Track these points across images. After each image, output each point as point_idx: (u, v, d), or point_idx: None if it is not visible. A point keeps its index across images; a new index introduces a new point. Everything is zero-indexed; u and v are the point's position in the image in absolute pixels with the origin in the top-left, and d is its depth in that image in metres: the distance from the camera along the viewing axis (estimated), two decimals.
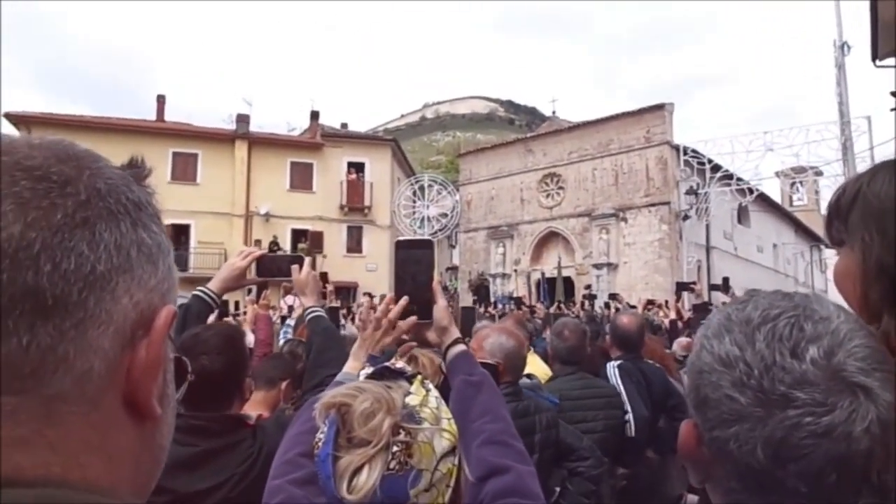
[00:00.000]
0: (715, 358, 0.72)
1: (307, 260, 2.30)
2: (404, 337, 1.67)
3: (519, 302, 17.24)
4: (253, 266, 2.26)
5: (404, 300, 1.59)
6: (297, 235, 30.34)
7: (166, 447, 0.60)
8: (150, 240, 0.57)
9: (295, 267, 2.25)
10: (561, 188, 30.77)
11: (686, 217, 26.88)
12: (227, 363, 2.05)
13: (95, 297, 0.52)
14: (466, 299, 31.10)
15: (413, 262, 1.58)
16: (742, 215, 33.69)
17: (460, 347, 1.58)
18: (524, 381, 2.94)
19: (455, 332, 1.60)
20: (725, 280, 9.12)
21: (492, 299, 25.75)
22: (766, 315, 0.70)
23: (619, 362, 4.05)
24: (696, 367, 0.75)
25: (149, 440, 0.57)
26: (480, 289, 30.46)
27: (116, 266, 0.53)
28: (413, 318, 1.59)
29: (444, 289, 42.83)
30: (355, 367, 1.62)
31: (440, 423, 1.13)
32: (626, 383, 3.86)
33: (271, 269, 2.25)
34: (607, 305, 17.01)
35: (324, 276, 6.32)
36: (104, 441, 0.53)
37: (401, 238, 1.61)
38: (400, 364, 1.30)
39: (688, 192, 26.56)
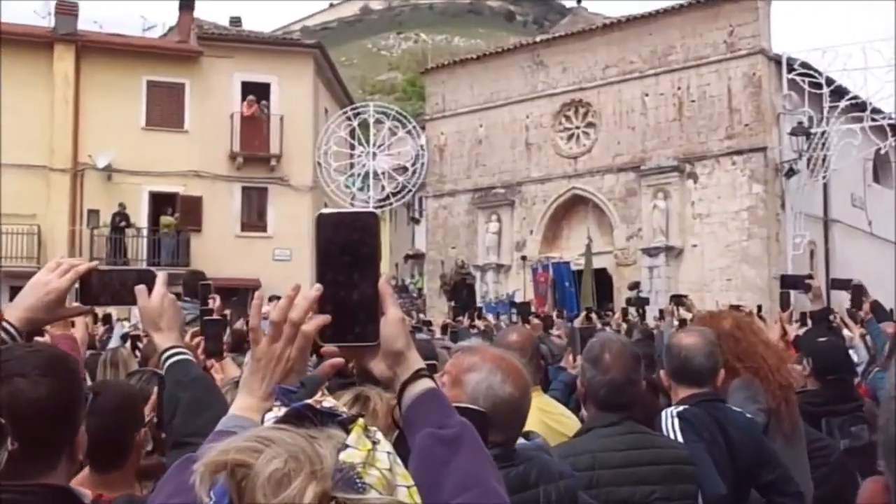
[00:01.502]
0: None
1: (160, 277, 2.37)
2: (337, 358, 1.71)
3: (525, 310, 17.31)
4: (78, 287, 2.30)
5: (323, 317, 1.63)
6: (160, 203, 30.41)
7: None
8: None
9: (141, 288, 2.31)
10: (591, 125, 30.81)
11: (791, 172, 27.21)
12: (55, 392, 2.04)
13: None
14: (439, 305, 31.30)
15: (346, 248, 1.63)
16: (880, 169, 34.24)
17: (424, 384, 1.63)
18: (522, 443, 3.02)
19: (415, 361, 1.65)
20: (858, 289, 8.60)
21: (478, 304, 25.81)
22: None
23: (680, 408, 4.10)
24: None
25: None
26: (460, 289, 30.54)
27: None
28: (323, 318, 1.64)
29: (404, 289, 42.53)
30: (250, 405, 1.66)
31: (395, 493, 1.18)
32: (691, 441, 3.91)
33: (104, 291, 2.30)
34: (662, 314, 17.28)
35: (198, 284, 6.28)
36: None
37: (326, 211, 1.66)
38: (329, 402, 1.33)
39: (794, 133, 26.85)
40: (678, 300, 16.52)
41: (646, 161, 29.35)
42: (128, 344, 8.74)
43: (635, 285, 26.21)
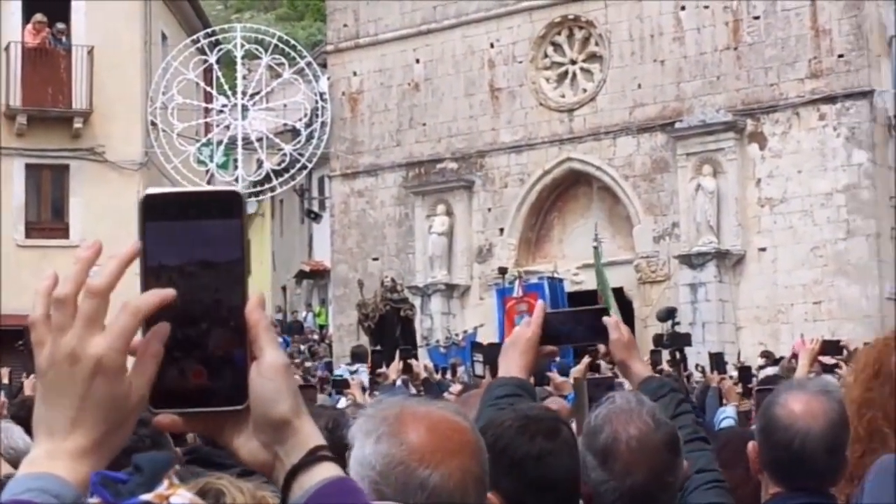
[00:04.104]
0: None
1: None
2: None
3: (495, 356, 17.34)
4: None
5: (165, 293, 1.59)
6: None
7: None
8: None
9: None
10: (595, 58, 31.12)
11: None
12: None
13: None
14: (346, 351, 30.82)
15: (191, 251, 1.62)
16: None
17: (327, 471, 1.63)
18: None
19: (310, 434, 1.66)
20: None
21: (422, 350, 25.96)
22: None
23: None
24: None
25: None
26: (390, 324, 30.30)
27: None
28: (164, 294, 1.57)
29: (298, 326, 41.82)
30: (49, 451, 1.55)
31: None
32: None
33: None
34: (717, 362, 17.38)
35: None
36: None
37: (154, 190, 1.63)
38: (183, 497, 1.38)
39: None
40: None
41: (683, 115, 29.56)
42: None
43: (669, 314, 26.03)
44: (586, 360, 16.22)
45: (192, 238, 1.60)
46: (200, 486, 1.93)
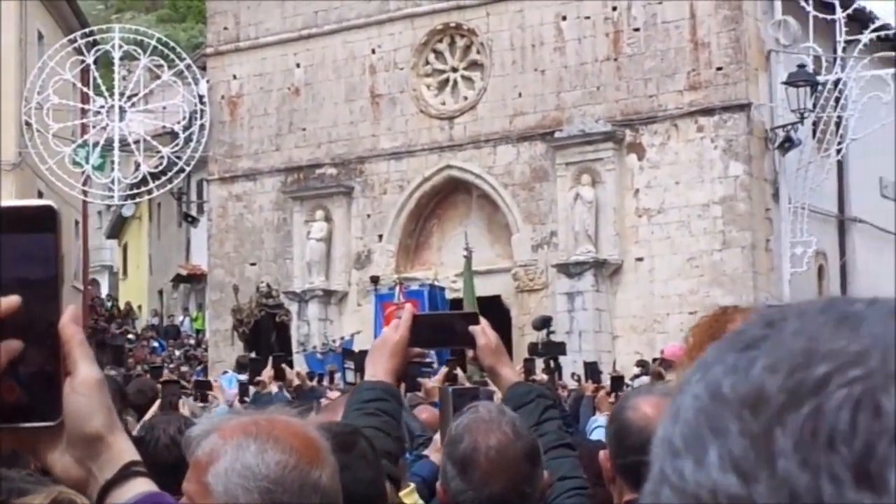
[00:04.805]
0: None
1: None
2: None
3: (361, 363, 17.32)
4: None
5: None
6: None
7: None
8: None
9: None
10: (476, 66, 31.25)
11: (789, 143, 27.87)
12: None
13: None
14: (230, 356, 30.56)
15: (8, 270, 1.60)
16: None
17: (139, 487, 1.66)
18: None
19: (123, 450, 1.67)
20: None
21: (298, 356, 25.68)
22: None
23: None
24: None
25: None
26: (266, 330, 30.11)
27: None
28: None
29: (175, 331, 41.28)
30: None
31: None
32: None
33: None
34: (591, 371, 17.45)
35: None
36: None
37: None
38: None
39: (794, 82, 27.47)
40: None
41: (563, 124, 29.68)
42: None
43: (545, 322, 26.43)
44: (443, 369, 16.35)
45: (7, 253, 1.58)
46: (54, 496, 2.07)
